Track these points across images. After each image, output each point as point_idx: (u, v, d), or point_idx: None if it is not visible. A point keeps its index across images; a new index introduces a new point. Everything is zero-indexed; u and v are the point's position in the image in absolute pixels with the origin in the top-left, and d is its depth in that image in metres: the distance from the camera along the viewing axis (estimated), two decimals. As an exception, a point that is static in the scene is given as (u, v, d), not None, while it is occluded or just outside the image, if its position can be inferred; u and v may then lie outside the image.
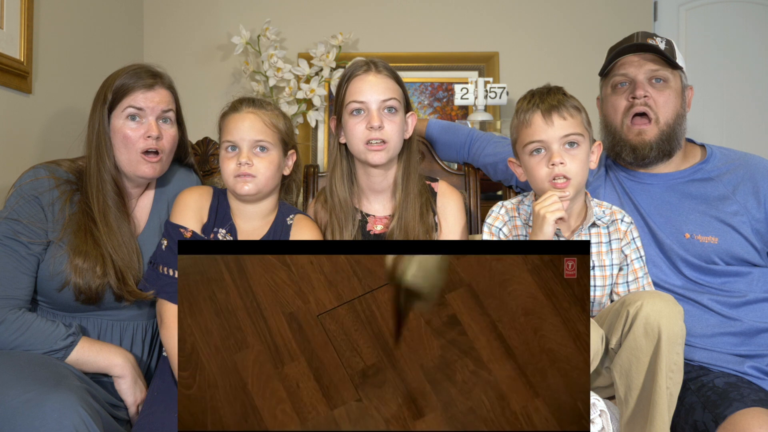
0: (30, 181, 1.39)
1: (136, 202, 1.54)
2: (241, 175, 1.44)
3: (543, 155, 1.40)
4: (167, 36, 2.81)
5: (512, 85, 2.67)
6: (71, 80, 2.14)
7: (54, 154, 1.71)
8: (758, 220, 1.53)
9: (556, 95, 1.41)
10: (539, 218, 1.35)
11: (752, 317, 1.48)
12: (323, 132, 2.80)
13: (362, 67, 1.53)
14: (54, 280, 1.37)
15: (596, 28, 2.78)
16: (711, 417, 1.30)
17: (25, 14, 1.87)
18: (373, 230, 1.60)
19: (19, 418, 1.09)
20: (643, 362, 1.25)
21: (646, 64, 1.58)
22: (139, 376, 1.42)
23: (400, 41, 2.82)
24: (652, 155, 1.58)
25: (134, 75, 1.44)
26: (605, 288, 1.47)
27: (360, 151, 1.52)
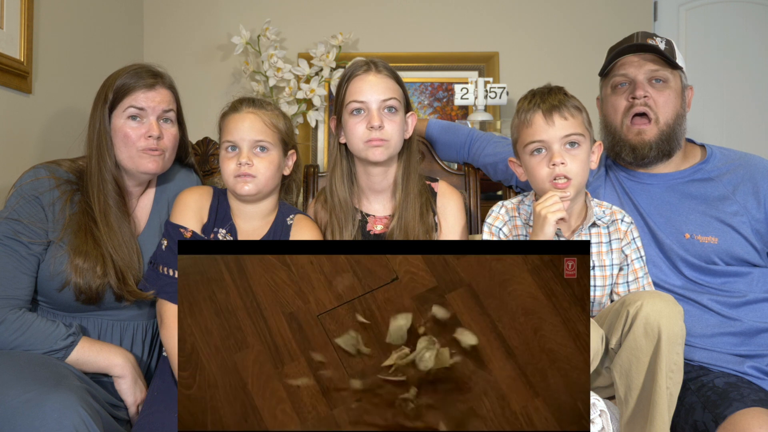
0: (30, 181, 1.39)
1: (136, 202, 1.54)
2: (241, 176, 1.44)
3: (544, 155, 1.40)
4: (167, 36, 2.81)
5: (512, 85, 2.67)
6: (71, 80, 2.14)
7: (54, 154, 1.71)
8: (758, 221, 1.53)
9: (557, 95, 1.41)
10: (540, 218, 1.35)
11: (752, 317, 1.48)
12: (323, 132, 2.80)
13: (362, 67, 1.53)
14: (54, 280, 1.37)
15: (596, 28, 2.78)
16: (711, 417, 1.30)
17: (25, 14, 1.87)
18: (373, 230, 1.60)
19: (19, 418, 1.09)
20: (643, 362, 1.25)
21: (646, 65, 1.58)
22: (139, 376, 1.42)
23: (400, 41, 2.82)
24: (652, 155, 1.58)
25: (135, 75, 1.44)
26: (605, 288, 1.47)
27: (360, 150, 1.52)
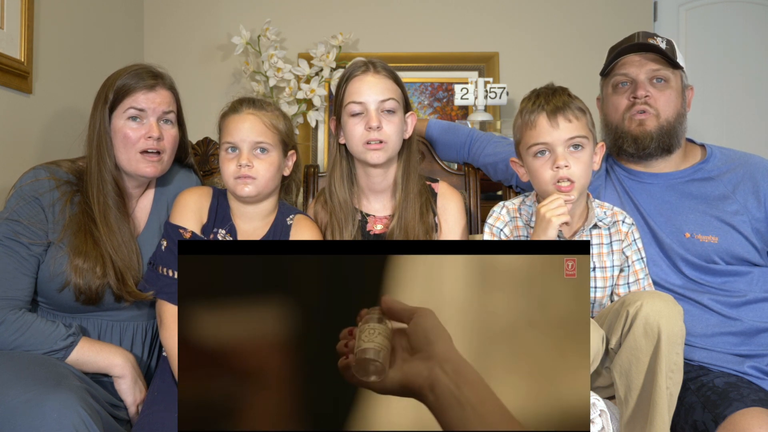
0: (30, 182, 1.39)
1: (136, 203, 1.54)
2: (242, 177, 1.44)
3: (547, 157, 1.39)
4: (167, 36, 2.81)
5: (512, 85, 2.67)
6: (71, 80, 2.14)
7: (54, 154, 1.71)
8: (758, 220, 1.53)
9: (561, 96, 1.40)
10: (544, 221, 1.34)
11: (752, 317, 1.48)
12: (323, 132, 2.80)
13: (361, 68, 1.53)
14: (54, 280, 1.37)
15: (596, 28, 2.78)
16: (711, 417, 1.30)
17: (25, 14, 1.87)
18: (373, 230, 1.60)
19: (19, 418, 1.09)
20: (643, 362, 1.25)
21: (648, 64, 1.58)
22: (139, 376, 1.42)
23: (400, 41, 2.82)
24: (653, 146, 1.58)
25: (136, 75, 1.44)
26: (606, 289, 1.47)
27: (359, 152, 1.52)
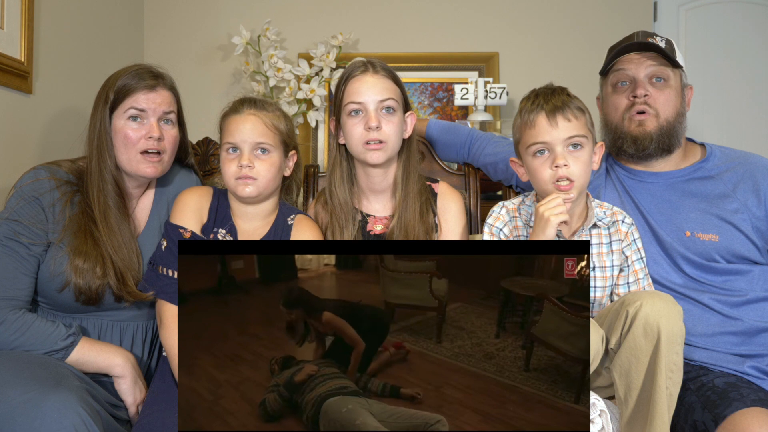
0: (31, 182, 1.39)
1: (136, 203, 1.54)
2: (242, 178, 1.44)
3: (547, 157, 1.39)
4: (167, 36, 2.81)
5: (512, 86, 2.67)
6: (71, 80, 2.14)
7: (54, 154, 1.71)
8: (758, 218, 1.53)
9: (560, 96, 1.40)
10: (543, 220, 1.34)
11: (753, 317, 1.48)
12: (323, 132, 2.80)
13: (360, 68, 1.53)
14: (54, 281, 1.37)
15: (596, 28, 2.78)
16: (711, 417, 1.30)
17: (26, 14, 1.87)
18: (373, 230, 1.60)
19: (19, 417, 1.09)
20: (643, 362, 1.25)
21: (647, 63, 1.58)
22: (139, 376, 1.42)
23: (400, 41, 2.82)
24: (653, 147, 1.58)
25: (136, 76, 1.44)
26: (605, 289, 1.47)
27: (358, 152, 1.52)
